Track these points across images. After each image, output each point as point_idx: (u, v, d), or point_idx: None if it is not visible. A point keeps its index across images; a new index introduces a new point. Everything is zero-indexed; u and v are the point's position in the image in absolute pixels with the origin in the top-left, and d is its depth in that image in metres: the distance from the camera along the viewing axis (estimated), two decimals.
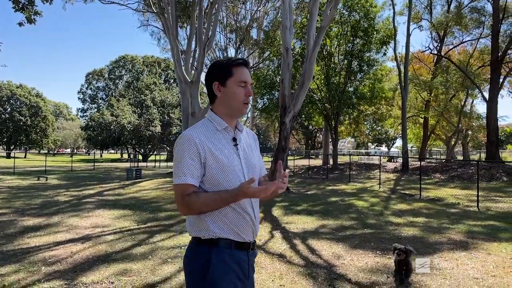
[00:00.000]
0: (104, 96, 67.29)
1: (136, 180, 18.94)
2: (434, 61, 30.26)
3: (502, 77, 24.59)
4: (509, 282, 4.48)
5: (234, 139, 1.89)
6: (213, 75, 1.89)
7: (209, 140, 1.79)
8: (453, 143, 34.23)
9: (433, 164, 23.46)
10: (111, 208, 10.13)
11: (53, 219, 8.46)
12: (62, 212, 9.40)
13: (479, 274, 4.75)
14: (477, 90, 27.31)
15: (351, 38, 24.65)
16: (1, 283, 4.38)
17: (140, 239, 6.61)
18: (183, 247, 5.99)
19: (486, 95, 23.23)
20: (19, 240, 6.56)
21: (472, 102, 35.47)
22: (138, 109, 50.40)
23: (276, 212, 9.69)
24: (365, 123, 34.91)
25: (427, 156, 35.87)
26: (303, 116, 29.95)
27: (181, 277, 4.55)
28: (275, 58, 27.26)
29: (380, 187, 16.00)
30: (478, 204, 10.62)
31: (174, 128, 50.30)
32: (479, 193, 11.20)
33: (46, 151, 65.28)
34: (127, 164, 36.51)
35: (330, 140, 29.19)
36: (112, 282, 4.35)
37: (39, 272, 4.78)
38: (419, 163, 20.64)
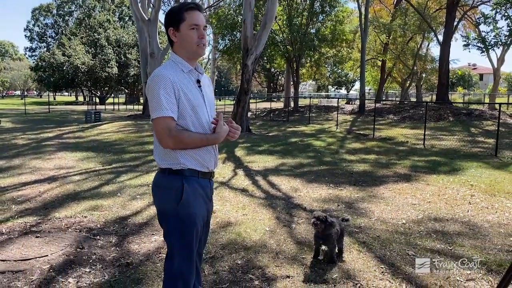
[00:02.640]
0: (53, 34, 62.69)
1: (95, 123, 18.60)
2: (394, 2, 30.46)
3: (456, 20, 25.33)
4: (441, 207, 5.17)
5: (198, 81, 2.10)
6: (168, 21, 2.03)
7: (180, 81, 1.97)
8: (407, 85, 35.60)
9: (388, 106, 24.56)
10: (73, 150, 10.11)
11: (15, 162, 8.41)
12: (23, 155, 9.31)
13: (416, 201, 5.43)
14: (432, 33, 28.10)
15: None
16: None
17: (107, 178, 6.82)
18: (149, 185, 6.26)
19: (441, 38, 24.00)
20: None
21: (428, 45, 36.54)
22: (92, 48, 47.64)
23: (239, 152, 10.10)
24: (326, 65, 35.34)
25: (384, 98, 37.25)
26: (265, 58, 29.86)
27: (151, 210, 4.88)
28: None
29: (337, 128, 16.77)
30: (424, 142, 11.55)
31: (132, 69, 48.39)
32: (426, 132, 12.14)
33: None
34: (84, 107, 35.29)
35: (292, 83, 29.49)
36: (85, 216, 4.61)
37: (10, 210, 4.93)
38: (374, 105, 21.56)
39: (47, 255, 3.42)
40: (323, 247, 3.44)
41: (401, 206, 5.16)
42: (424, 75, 36.31)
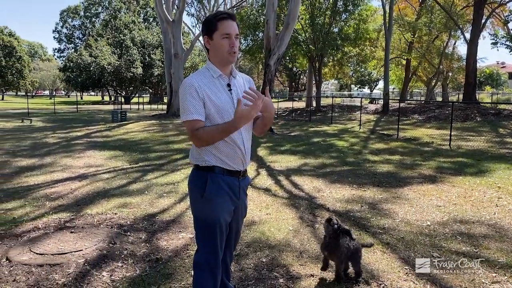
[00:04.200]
0: (80, 36, 64.46)
1: (122, 123, 19.07)
2: (420, 0, 29.87)
3: (484, 18, 24.65)
4: (467, 209, 5.11)
5: (229, 85, 2.21)
6: (203, 30, 2.20)
7: (206, 85, 2.13)
8: (433, 84, 34.87)
9: (412, 105, 24.15)
10: (102, 149, 10.44)
11: (46, 160, 8.76)
12: (54, 153, 9.69)
13: (442, 203, 5.39)
14: (459, 31, 27.42)
15: None
16: (10, 216, 4.78)
17: (135, 177, 7.04)
18: (175, 184, 6.46)
19: (468, 36, 23.43)
20: (17, 179, 6.89)
21: (455, 43, 35.68)
22: (118, 49, 48.79)
23: (261, 152, 10.20)
24: (349, 64, 34.96)
25: (408, 98, 36.61)
26: (287, 58, 29.81)
27: (178, 208, 5.04)
28: None
29: (360, 128, 16.64)
30: (450, 143, 11.34)
31: (156, 69, 49.26)
32: (453, 133, 11.90)
33: (24, 93, 63.57)
34: (110, 107, 36.20)
35: (314, 82, 29.37)
36: (115, 213, 4.80)
37: (44, 206, 5.18)
38: (398, 104, 21.25)
39: (81, 250, 3.60)
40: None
41: (426, 208, 5.13)
42: (450, 74, 35.47)
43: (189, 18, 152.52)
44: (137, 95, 56.06)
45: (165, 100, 40.88)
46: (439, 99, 35.67)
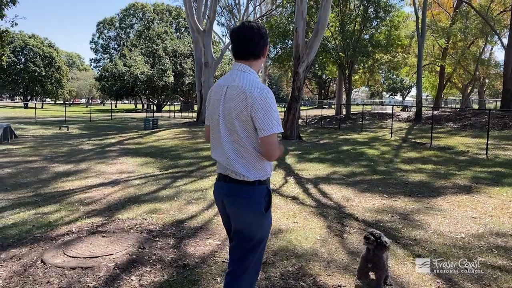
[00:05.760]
0: (116, 46, 66.81)
1: (153, 130, 19.53)
2: (454, 5, 29.08)
3: None
4: (504, 221, 4.88)
5: None
6: (266, 39, 2.20)
7: None
8: (469, 91, 33.72)
9: (447, 113, 23.41)
10: (134, 156, 10.72)
11: (81, 166, 9.08)
12: (89, 160, 10.03)
13: (477, 214, 5.17)
14: (496, 36, 26.44)
15: None
16: (47, 220, 4.97)
17: (165, 183, 7.17)
18: (204, 190, 6.52)
19: (506, 42, 22.52)
20: (54, 184, 7.17)
21: (491, 49, 34.55)
22: (151, 59, 50.24)
23: (290, 160, 10.15)
24: (380, 71, 34.42)
25: (442, 105, 35.54)
26: (316, 65, 29.70)
27: (205, 215, 5.09)
28: (288, 5, 26.58)
29: (391, 136, 16.27)
30: (487, 152, 10.89)
31: (187, 78, 50.27)
32: (490, 142, 11.44)
33: (62, 102, 66.33)
34: (142, 115, 37.20)
35: (344, 89, 29.05)
36: (145, 219, 4.90)
37: (78, 211, 5.36)
38: (432, 112, 20.65)
39: (112, 254, 3.69)
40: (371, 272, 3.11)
41: (460, 219, 4.94)
42: (487, 81, 34.20)
43: (219, 28, 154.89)
44: (168, 103, 57.35)
45: (195, 108, 41.61)
46: (475, 106, 34.44)
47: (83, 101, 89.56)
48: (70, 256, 3.63)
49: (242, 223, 2.13)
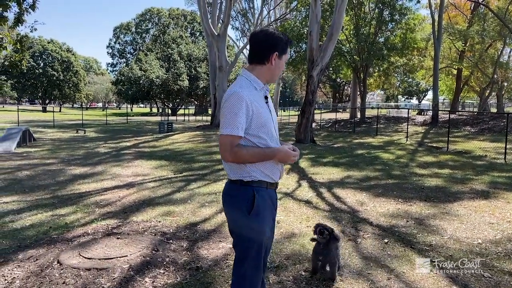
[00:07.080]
0: (132, 50, 67.83)
1: (168, 133, 19.72)
2: (471, 8, 28.63)
3: None
4: None
5: (266, 97, 2.24)
6: (275, 46, 2.16)
7: (254, 99, 2.10)
8: (487, 95, 33.10)
9: (464, 116, 23.02)
10: (148, 159, 10.84)
11: (97, 168, 9.22)
12: (105, 162, 10.18)
13: (495, 220, 5.06)
14: None
15: None
16: (63, 221, 5.06)
17: (179, 186, 7.23)
18: (217, 193, 6.55)
19: None
20: (71, 186, 7.30)
21: (510, 52, 33.80)
22: (166, 63, 50.83)
23: (303, 163, 10.11)
24: (395, 75, 34.04)
25: (460, 109, 34.96)
26: (330, 68, 29.58)
27: (219, 218, 5.11)
28: (302, 9, 26.57)
29: (407, 140, 16.08)
30: (505, 157, 10.67)
31: (201, 82, 50.69)
32: (509, 146, 11.18)
33: (79, 106, 67.58)
34: (158, 118, 37.61)
35: (358, 93, 28.86)
36: (159, 221, 4.95)
37: (94, 212, 5.45)
38: (449, 115, 20.34)
39: (126, 256, 3.74)
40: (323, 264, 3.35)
41: (477, 225, 4.85)
42: (506, 84, 33.51)
43: (233, 32, 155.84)
44: (183, 106, 57.84)
45: (210, 112, 41.85)
46: (494, 110, 33.76)
47: (100, 105, 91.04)
48: (86, 257, 3.68)
49: (230, 221, 2.23)
